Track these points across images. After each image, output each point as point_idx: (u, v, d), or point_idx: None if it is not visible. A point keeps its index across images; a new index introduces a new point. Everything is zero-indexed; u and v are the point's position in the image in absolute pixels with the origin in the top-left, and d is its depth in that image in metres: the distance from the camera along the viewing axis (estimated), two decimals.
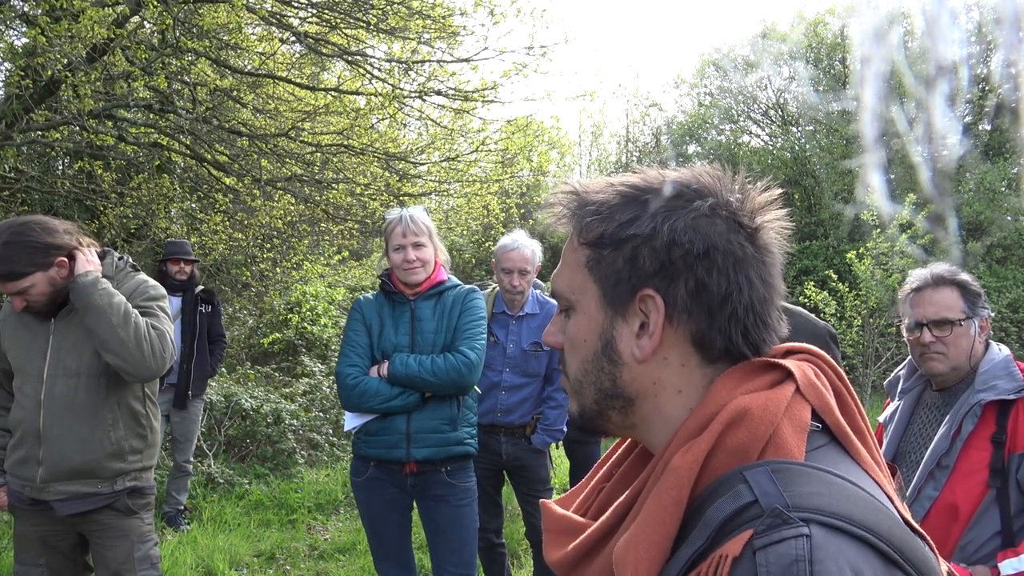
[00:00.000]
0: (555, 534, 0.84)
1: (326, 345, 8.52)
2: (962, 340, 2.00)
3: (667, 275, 0.76)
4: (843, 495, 0.67)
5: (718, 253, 0.75)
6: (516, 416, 3.42)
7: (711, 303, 0.76)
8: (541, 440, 3.43)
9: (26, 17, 5.39)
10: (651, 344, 0.78)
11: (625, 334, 0.79)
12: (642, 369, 0.79)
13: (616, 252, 0.78)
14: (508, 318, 3.46)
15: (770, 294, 0.79)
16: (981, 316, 2.02)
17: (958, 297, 2.02)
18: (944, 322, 2.00)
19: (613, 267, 0.79)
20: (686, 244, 0.75)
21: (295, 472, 6.12)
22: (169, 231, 7.35)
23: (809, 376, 0.77)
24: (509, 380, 3.41)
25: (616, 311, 0.80)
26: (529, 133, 6.98)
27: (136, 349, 2.33)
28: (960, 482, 1.92)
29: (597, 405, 0.83)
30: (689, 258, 0.75)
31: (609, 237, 0.78)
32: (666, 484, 0.71)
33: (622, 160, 17.84)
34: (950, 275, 2.05)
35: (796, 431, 0.72)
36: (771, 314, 0.79)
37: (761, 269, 0.78)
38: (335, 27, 5.69)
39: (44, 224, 2.37)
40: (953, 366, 2.01)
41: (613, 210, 0.79)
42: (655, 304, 0.77)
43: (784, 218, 0.82)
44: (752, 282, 0.77)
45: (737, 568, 0.63)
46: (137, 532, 2.52)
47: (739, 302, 0.76)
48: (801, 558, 0.60)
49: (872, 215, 9.20)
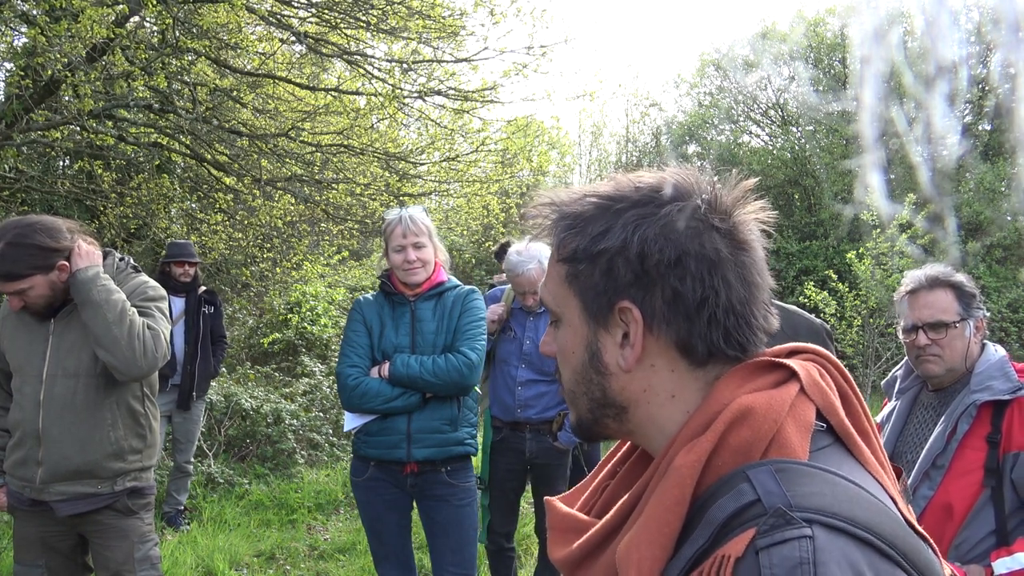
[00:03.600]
0: (559, 532, 0.84)
1: (326, 345, 8.52)
2: (957, 342, 2.00)
3: (642, 285, 0.76)
4: (846, 496, 0.66)
5: (690, 259, 0.74)
6: (536, 411, 3.38)
7: (688, 310, 0.75)
8: (568, 438, 3.39)
9: (26, 17, 5.39)
10: (634, 354, 0.78)
11: (609, 345, 0.80)
12: (630, 378, 0.79)
13: (592, 265, 0.78)
14: (525, 314, 3.45)
15: (752, 293, 0.77)
16: (976, 317, 2.02)
17: (953, 299, 2.01)
18: (939, 324, 2.00)
19: (591, 280, 0.79)
20: (656, 254, 0.74)
21: (295, 472, 6.12)
22: (169, 231, 7.35)
23: (814, 376, 0.77)
24: (524, 375, 3.38)
25: (598, 323, 0.80)
26: (529, 133, 6.99)
27: (128, 347, 2.32)
28: (955, 482, 1.93)
29: (591, 414, 0.83)
30: (661, 267, 0.75)
31: (583, 252, 0.78)
32: (669, 483, 0.71)
33: (622, 160, 17.84)
34: (945, 277, 2.04)
35: (800, 431, 0.72)
36: (755, 313, 0.77)
37: (740, 268, 0.76)
38: (335, 27, 5.68)
39: (48, 226, 2.37)
40: (949, 368, 2.02)
41: (586, 223, 0.79)
42: (633, 315, 0.77)
43: (762, 209, 0.80)
44: (730, 283, 0.75)
45: (740, 568, 0.63)
46: (137, 532, 2.51)
47: (717, 306, 0.75)
48: (805, 560, 0.60)
49: (872, 215, 9.20)
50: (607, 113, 19.05)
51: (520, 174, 9.66)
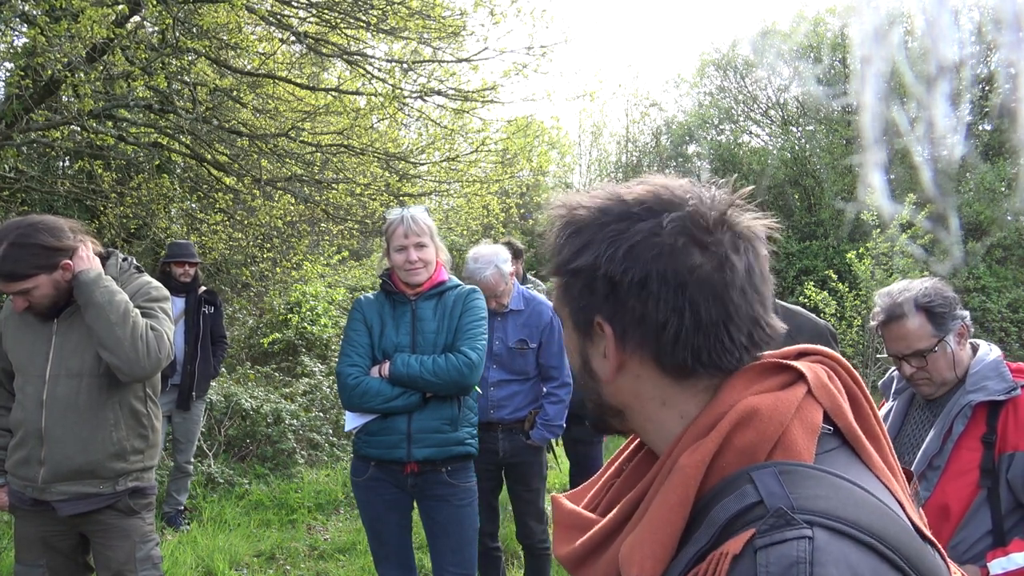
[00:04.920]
0: (564, 529, 0.84)
1: (326, 345, 8.52)
2: (940, 362, 1.98)
3: (612, 303, 0.77)
4: (851, 499, 0.66)
5: (654, 281, 0.74)
6: (508, 411, 3.42)
7: (653, 330, 0.75)
8: (540, 435, 3.43)
9: (26, 17, 5.39)
10: (611, 367, 0.79)
11: (595, 355, 0.82)
12: (618, 386, 0.81)
13: (574, 280, 0.80)
14: (493, 315, 3.45)
15: (728, 312, 0.74)
16: (955, 329, 1.98)
17: (924, 322, 1.96)
18: (917, 354, 1.98)
19: (574, 293, 0.81)
20: (619, 274, 0.75)
21: (295, 472, 6.11)
22: (169, 231, 7.35)
23: (821, 378, 0.77)
24: (495, 376, 3.40)
25: (583, 334, 0.82)
26: (529, 133, 6.98)
27: (131, 348, 2.33)
28: (951, 482, 1.93)
29: (595, 412, 0.87)
30: (630, 287, 0.75)
31: (565, 268, 0.80)
32: (673, 483, 0.71)
33: (622, 160, 17.84)
34: (910, 302, 1.97)
35: (806, 433, 0.72)
36: (729, 334, 0.75)
37: (717, 287, 0.74)
38: (335, 27, 5.68)
39: (51, 225, 2.37)
40: (940, 384, 2.02)
41: (569, 240, 0.80)
42: (604, 332, 0.78)
43: (757, 219, 0.78)
44: (697, 305, 0.73)
45: (737, 566, 0.63)
46: (139, 532, 2.52)
47: (681, 327, 0.74)
48: (802, 560, 0.60)
49: (872, 215, 9.20)
50: (607, 113, 19.06)
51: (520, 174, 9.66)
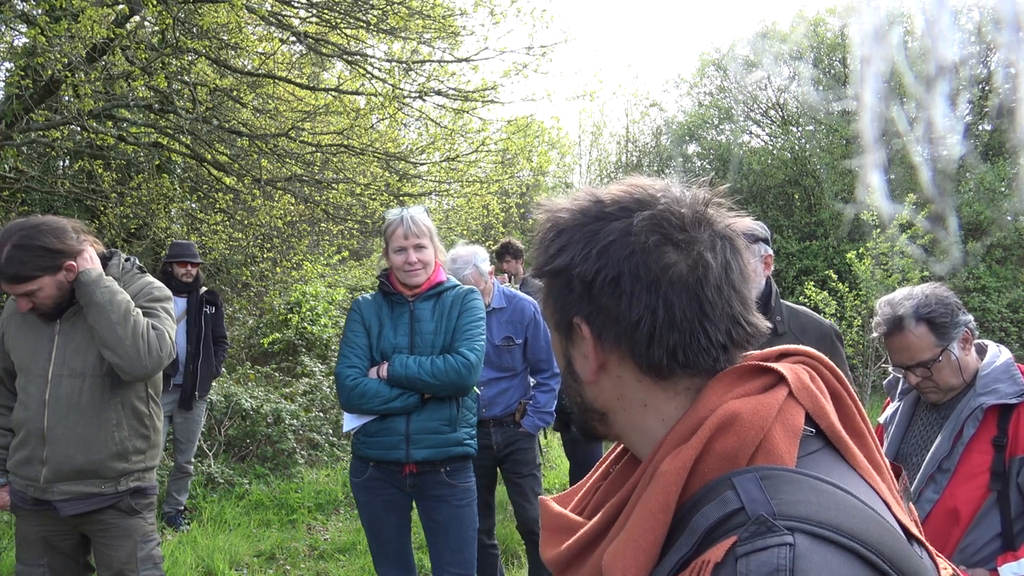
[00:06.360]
0: (551, 531, 0.84)
1: (326, 345, 8.51)
2: (945, 370, 1.97)
3: (588, 302, 0.77)
4: (833, 503, 0.66)
5: (626, 279, 0.74)
6: (499, 408, 3.45)
7: (627, 328, 0.75)
8: (531, 423, 3.46)
9: (26, 17, 5.39)
10: (591, 367, 0.80)
11: (577, 356, 0.82)
12: (600, 388, 0.81)
13: (554, 281, 0.81)
14: None
15: (704, 310, 0.74)
16: (958, 336, 1.97)
17: (926, 333, 1.95)
18: (921, 365, 1.98)
19: (554, 295, 0.81)
20: (593, 273, 0.76)
21: (295, 472, 6.12)
22: (169, 231, 7.35)
23: (803, 379, 0.76)
24: (485, 375, 3.40)
25: (565, 335, 0.82)
26: (529, 133, 6.99)
27: (132, 347, 2.33)
28: (961, 485, 1.92)
29: (580, 416, 0.86)
30: (600, 285, 0.76)
31: (545, 269, 0.81)
32: (654, 489, 0.71)
33: (622, 160, 17.82)
34: (911, 313, 1.96)
35: (788, 436, 0.71)
36: (706, 332, 0.75)
37: (692, 285, 0.74)
38: (335, 27, 5.69)
39: (54, 226, 2.37)
40: (948, 391, 2.01)
41: (549, 242, 0.81)
42: (582, 332, 0.79)
43: (739, 217, 0.79)
44: (670, 303, 0.74)
45: (719, 574, 0.63)
46: (140, 532, 2.52)
47: (654, 326, 0.74)
48: (783, 567, 0.60)
49: (872, 215, 9.20)
50: (607, 113, 19.04)
51: (520, 174, 9.67)
